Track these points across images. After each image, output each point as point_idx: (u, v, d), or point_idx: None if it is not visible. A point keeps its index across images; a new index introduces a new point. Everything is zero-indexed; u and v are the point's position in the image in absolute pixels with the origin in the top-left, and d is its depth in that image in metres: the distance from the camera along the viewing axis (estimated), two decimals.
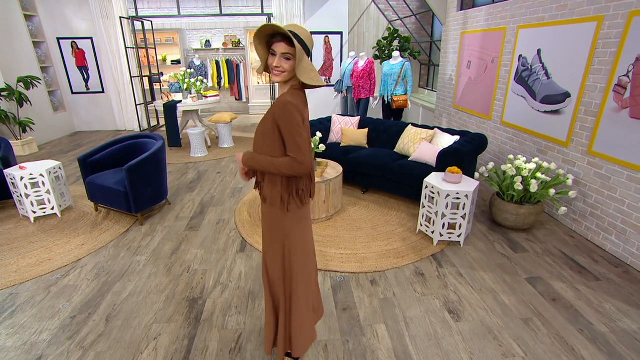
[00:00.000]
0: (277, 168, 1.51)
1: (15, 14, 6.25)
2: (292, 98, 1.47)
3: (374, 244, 3.12)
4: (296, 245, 1.70)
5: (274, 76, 1.49)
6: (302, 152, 1.47)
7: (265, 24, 1.39)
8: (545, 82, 3.54)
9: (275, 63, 1.44)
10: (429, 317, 2.27)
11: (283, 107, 1.45)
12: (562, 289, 2.51)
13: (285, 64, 1.44)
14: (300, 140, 1.47)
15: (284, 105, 1.44)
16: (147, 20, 7.46)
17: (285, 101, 1.45)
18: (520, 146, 3.96)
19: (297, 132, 1.46)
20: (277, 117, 1.48)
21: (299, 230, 1.70)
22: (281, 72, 1.46)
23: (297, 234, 1.69)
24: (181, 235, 3.30)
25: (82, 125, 7.75)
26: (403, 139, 4.14)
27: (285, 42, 1.41)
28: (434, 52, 7.47)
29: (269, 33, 1.43)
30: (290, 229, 1.66)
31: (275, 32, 1.41)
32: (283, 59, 1.44)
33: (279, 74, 1.47)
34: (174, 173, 5.03)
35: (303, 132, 1.48)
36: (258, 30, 1.42)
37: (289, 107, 1.44)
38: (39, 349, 2.06)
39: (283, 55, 1.43)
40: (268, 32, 1.42)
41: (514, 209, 3.15)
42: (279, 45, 1.42)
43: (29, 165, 3.59)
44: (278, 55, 1.43)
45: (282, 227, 1.65)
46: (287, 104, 1.45)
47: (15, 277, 2.73)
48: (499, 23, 4.26)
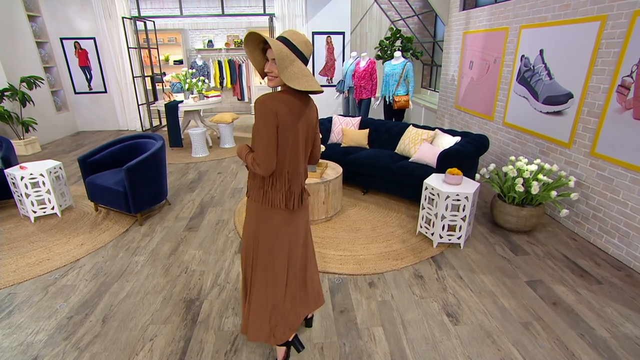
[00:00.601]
0: (246, 162, 1.58)
1: (19, 14, 6.29)
2: (270, 98, 1.47)
3: (373, 246, 3.10)
4: (264, 244, 1.71)
5: (269, 81, 1.53)
6: (259, 154, 1.50)
7: (250, 31, 1.43)
8: (548, 82, 3.50)
9: (266, 69, 1.50)
10: (427, 320, 2.25)
11: (256, 105, 1.48)
12: (563, 293, 2.48)
13: (275, 69, 1.47)
14: (260, 141, 1.48)
15: (257, 104, 1.48)
16: (150, 21, 7.48)
17: (260, 101, 1.47)
18: (523, 147, 3.92)
19: (259, 132, 1.48)
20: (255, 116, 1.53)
21: (273, 232, 1.69)
22: (274, 77, 1.50)
23: (269, 235, 1.69)
24: (180, 236, 3.29)
25: (85, 125, 7.78)
26: (404, 140, 4.12)
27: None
28: (437, 52, 7.43)
29: (261, 40, 1.48)
30: (261, 227, 1.69)
31: (261, 40, 1.47)
32: (273, 64, 1.47)
33: (272, 78, 1.51)
34: (174, 173, 5.03)
35: (266, 133, 1.47)
36: (245, 39, 1.46)
37: (259, 106, 1.47)
38: (34, 350, 2.06)
39: (273, 61, 1.47)
40: (259, 39, 1.48)
41: (515, 211, 3.11)
42: (269, 51, 1.47)
43: (30, 165, 3.60)
44: (269, 60, 1.48)
45: (255, 221, 1.69)
46: (259, 103, 1.47)
47: (14, 276, 2.73)
48: (502, 23, 4.22)
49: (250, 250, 1.75)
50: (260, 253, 1.73)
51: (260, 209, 1.66)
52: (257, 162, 1.51)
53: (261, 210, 1.66)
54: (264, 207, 1.65)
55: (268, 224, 1.68)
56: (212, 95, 6.56)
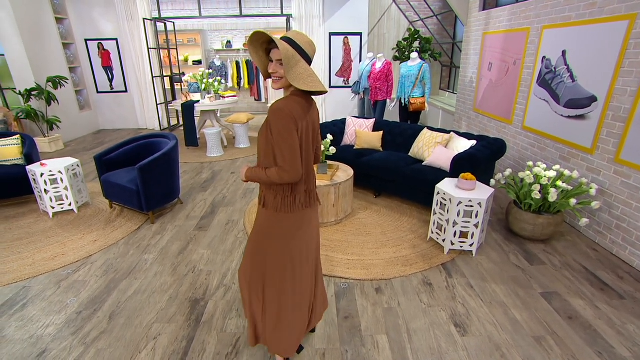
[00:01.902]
0: (269, 178, 1.51)
1: (48, 17, 6.53)
2: (286, 104, 1.44)
3: (382, 251, 3.04)
4: (282, 252, 1.67)
5: (273, 82, 1.50)
6: (287, 161, 1.45)
7: (255, 31, 1.40)
8: (570, 85, 3.35)
9: (271, 69, 1.47)
10: (433, 329, 2.18)
11: (273, 113, 1.43)
12: (580, 307, 2.35)
13: (280, 70, 1.45)
14: (286, 148, 1.44)
15: (274, 112, 1.43)
16: (170, 22, 7.62)
17: (276, 107, 1.43)
18: (542, 152, 3.77)
19: (284, 139, 1.43)
20: (269, 122, 1.47)
21: (292, 237, 1.67)
22: (279, 77, 1.47)
23: (288, 241, 1.66)
24: (190, 235, 3.32)
25: (106, 123, 8.01)
26: (418, 143, 4.03)
27: (278, 49, 1.41)
28: (456, 54, 7.27)
29: (266, 40, 1.45)
30: (281, 234, 1.65)
31: (266, 40, 1.44)
32: (278, 65, 1.45)
33: (277, 80, 1.48)
34: (189, 172, 5.10)
35: (290, 139, 1.44)
36: (250, 38, 1.43)
37: (278, 113, 1.42)
38: (43, 343, 2.11)
39: (278, 62, 1.44)
40: (264, 39, 1.44)
41: (532, 219, 2.99)
42: (274, 52, 1.44)
43: (49, 162, 3.71)
44: (274, 61, 1.45)
45: (273, 229, 1.65)
46: (276, 110, 1.42)
47: (30, 270, 2.82)
48: (522, 23, 4.08)
49: (262, 259, 1.69)
50: (277, 261, 1.68)
51: (279, 216, 1.61)
52: (285, 170, 1.45)
53: (280, 217, 1.61)
54: (283, 213, 1.60)
55: (286, 230, 1.65)
56: (228, 95, 6.63)
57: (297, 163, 1.46)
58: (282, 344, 1.78)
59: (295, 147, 1.45)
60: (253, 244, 1.73)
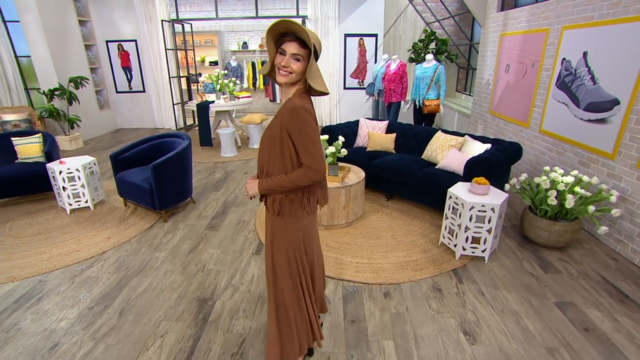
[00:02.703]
0: (294, 183, 1.46)
1: (71, 20, 6.75)
2: (302, 102, 1.40)
3: (392, 254, 3.00)
4: (300, 256, 1.67)
5: (280, 76, 1.40)
6: (315, 159, 1.42)
7: (281, 19, 1.31)
8: (591, 87, 3.24)
9: (284, 62, 1.36)
10: (441, 336, 2.13)
11: (295, 112, 1.37)
12: (597, 318, 2.26)
13: (294, 65, 1.37)
14: (312, 145, 1.41)
15: (296, 110, 1.37)
16: (187, 23, 7.75)
17: (297, 105, 1.37)
18: (560, 157, 3.66)
19: (312, 139, 1.40)
20: (286, 123, 1.40)
21: (308, 239, 1.68)
22: (289, 72, 1.38)
23: (302, 244, 1.66)
24: (201, 234, 3.36)
25: (124, 122, 8.20)
26: (431, 146, 3.97)
27: (297, 42, 1.34)
28: (473, 55, 7.15)
29: (282, 31, 1.35)
30: (301, 238, 1.63)
31: (289, 30, 1.34)
32: (292, 60, 1.37)
33: (285, 74, 1.39)
34: (202, 172, 5.16)
35: (315, 136, 1.41)
36: (272, 26, 1.32)
37: (302, 112, 1.37)
38: (56, 337, 2.16)
39: (293, 56, 1.36)
40: (281, 29, 1.34)
41: (547, 225, 2.90)
42: (290, 45, 1.35)
43: (68, 160, 3.81)
44: (288, 55, 1.36)
45: (288, 234, 1.60)
46: (300, 108, 1.37)
47: (46, 265, 2.90)
48: (542, 24, 3.97)
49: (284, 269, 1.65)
50: (296, 266, 1.66)
51: (298, 221, 1.58)
52: (313, 169, 1.42)
53: (298, 221, 1.59)
54: (300, 217, 1.57)
55: (305, 232, 1.65)
56: (243, 96, 6.68)
57: (323, 160, 1.45)
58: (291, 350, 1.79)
59: (319, 144, 1.44)
60: (274, 257, 1.65)
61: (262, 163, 1.55)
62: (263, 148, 1.53)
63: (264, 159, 1.53)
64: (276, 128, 1.44)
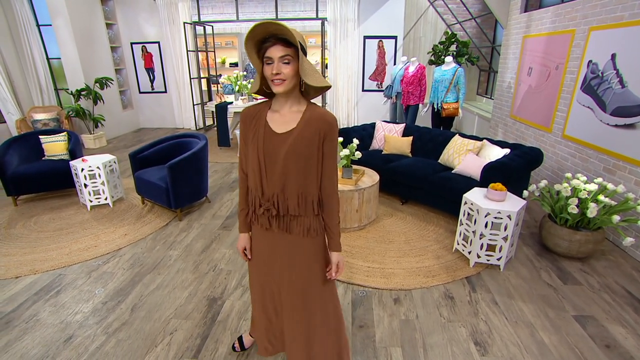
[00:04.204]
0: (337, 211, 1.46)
1: (99, 23, 7.00)
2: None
3: (404, 260, 2.95)
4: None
5: (277, 87, 1.23)
6: (336, 183, 1.44)
7: (256, 24, 1.15)
8: (619, 91, 3.10)
9: (274, 70, 1.20)
10: (451, 346, 2.07)
11: (334, 124, 1.31)
12: (620, 335, 2.15)
13: (285, 69, 1.21)
14: (335, 168, 1.41)
15: (334, 123, 1.31)
16: (209, 25, 7.89)
17: (334, 117, 1.33)
18: (583, 163, 3.51)
19: (336, 157, 1.40)
20: (325, 134, 1.31)
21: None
22: (282, 80, 1.22)
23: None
24: (214, 234, 3.40)
25: (146, 122, 8.43)
26: (448, 150, 3.89)
27: (280, 44, 1.19)
28: (495, 58, 6.97)
29: (261, 37, 1.20)
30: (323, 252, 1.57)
31: (269, 33, 1.18)
32: (282, 64, 1.20)
33: (280, 82, 1.22)
34: (219, 172, 5.23)
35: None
36: (248, 35, 1.17)
37: (337, 125, 1.33)
38: (71, 329, 2.23)
39: (281, 60, 1.20)
40: (259, 34, 1.19)
41: (568, 234, 2.78)
42: (274, 49, 1.19)
43: (90, 158, 3.94)
44: (275, 60, 1.20)
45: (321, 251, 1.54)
46: (335, 121, 1.33)
47: (66, 259, 3.00)
48: (567, 25, 3.83)
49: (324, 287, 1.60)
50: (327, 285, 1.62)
51: (322, 238, 1.53)
52: (337, 193, 1.44)
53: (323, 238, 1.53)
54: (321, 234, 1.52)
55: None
56: (260, 97, 6.74)
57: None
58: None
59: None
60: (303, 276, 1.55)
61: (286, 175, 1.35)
62: (290, 164, 1.32)
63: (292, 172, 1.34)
64: (314, 141, 1.32)
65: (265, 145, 1.34)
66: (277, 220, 1.44)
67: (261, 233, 1.52)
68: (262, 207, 1.41)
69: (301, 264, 1.51)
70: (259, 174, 1.37)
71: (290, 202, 1.38)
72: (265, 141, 1.34)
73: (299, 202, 1.38)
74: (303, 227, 1.43)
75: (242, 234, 1.59)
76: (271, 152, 1.34)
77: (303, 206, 1.39)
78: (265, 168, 1.36)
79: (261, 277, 1.63)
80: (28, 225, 3.57)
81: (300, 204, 1.39)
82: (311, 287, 1.55)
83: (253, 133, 1.37)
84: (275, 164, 1.34)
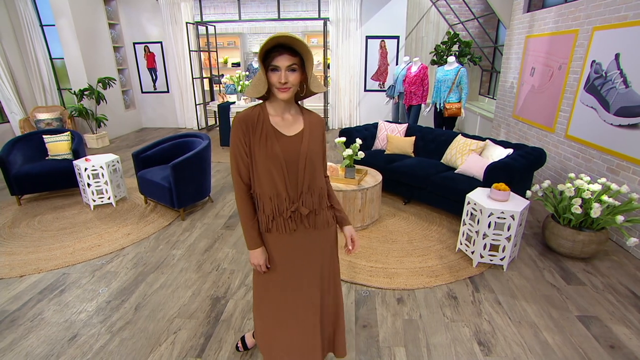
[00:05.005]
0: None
1: (102, 23, 7.03)
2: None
3: (407, 259, 2.95)
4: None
5: (283, 93, 1.29)
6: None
7: (269, 37, 1.20)
8: (623, 91, 3.09)
9: (283, 79, 1.25)
10: (455, 346, 2.07)
11: (324, 125, 1.48)
12: (624, 335, 2.14)
13: (291, 77, 1.27)
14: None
15: (324, 123, 1.47)
16: (211, 25, 7.91)
17: (322, 118, 1.49)
18: (587, 163, 3.50)
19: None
20: (323, 133, 1.47)
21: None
22: (288, 87, 1.28)
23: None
24: (217, 233, 3.41)
25: (148, 122, 8.44)
26: (451, 150, 3.89)
27: (287, 53, 1.24)
28: (497, 58, 6.97)
29: (269, 47, 1.24)
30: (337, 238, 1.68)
31: (278, 43, 1.23)
32: (288, 72, 1.26)
33: (286, 89, 1.28)
34: (221, 172, 5.24)
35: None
36: (261, 48, 1.23)
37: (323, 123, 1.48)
38: (75, 328, 2.24)
39: (288, 68, 1.25)
40: (269, 45, 1.23)
41: (571, 235, 2.78)
42: (282, 58, 1.24)
43: (93, 157, 3.95)
44: (283, 69, 1.25)
45: (335, 240, 1.65)
46: (323, 120, 1.50)
47: (70, 258, 3.01)
48: (570, 25, 3.82)
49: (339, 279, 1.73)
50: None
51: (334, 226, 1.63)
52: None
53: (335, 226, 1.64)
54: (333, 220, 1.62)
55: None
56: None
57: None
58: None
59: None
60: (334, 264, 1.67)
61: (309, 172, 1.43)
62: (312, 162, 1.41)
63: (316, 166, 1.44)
64: (321, 141, 1.48)
65: (283, 149, 1.37)
66: (303, 219, 1.46)
67: (282, 239, 1.48)
68: (289, 210, 1.42)
69: (325, 254, 1.59)
70: (283, 176, 1.39)
71: (314, 198, 1.47)
72: (282, 145, 1.37)
73: (320, 197, 1.48)
74: (324, 220, 1.52)
75: (256, 250, 1.48)
76: (289, 153, 1.37)
77: (322, 200, 1.51)
78: (287, 171, 1.39)
79: (288, 284, 1.56)
80: (32, 225, 3.59)
81: (322, 198, 1.50)
82: (333, 271, 1.67)
83: (258, 139, 1.36)
84: (296, 164, 1.39)
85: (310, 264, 1.55)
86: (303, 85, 1.36)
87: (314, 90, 1.35)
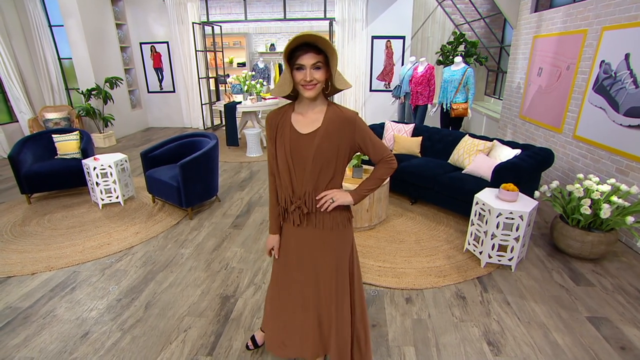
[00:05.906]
0: (382, 179, 1.49)
1: (109, 23, 7.07)
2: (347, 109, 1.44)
3: (415, 259, 2.95)
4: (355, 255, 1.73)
5: (308, 91, 1.31)
6: (388, 150, 1.49)
7: (294, 37, 1.23)
8: (633, 91, 3.07)
9: (308, 77, 1.28)
10: (464, 345, 2.08)
11: (356, 120, 1.40)
12: (635, 337, 2.14)
13: (317, 75, 1.29)
14: (380, 141, 1.47)
15: (355, 116, 1.40)
16: (217, 25, 7.94)
17: (353, 112, 1.41)
18: (595, 164, 3.49)
19: (374, 135, 1.46)
20: (351, 132, 1.39)
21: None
22: (314, 85, 1.31)
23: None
24: (225, 232, 3.43)
25: (154, 121, 8.49)
26: (458, 150, 3.89)
27: (312, 52, 1.27)
28: (504, 58, 6.94)
29: (294, 46, 1.27)
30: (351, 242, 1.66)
31: (303, 41, 1.25)
32: (313, 70, 1.28)
33: (312, 87, 1.31)
34: (228, 171, 5.27)
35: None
36: (287, 46, 1.26)
37: (360, 118, 1.42)
38: (87, 326, 2.26)
39: (313, 66, 1.28)
40: (294, 44, 1.26)
41: (580, 235, 2.77)
42: (307, 57, 1.26)
43: (101, 157, 3.99)
44: (308, 67, 1.27)
45: (347, 245, 1.62)
46: (356, 114, 1.42)
47: (80, 256, 3.04)
48: (579, 25, 3.80)
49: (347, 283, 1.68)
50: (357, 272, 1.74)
51: (349, 229, 1.61)
52: (391, 157, 1.48)
53: (349, 229, 1.62)
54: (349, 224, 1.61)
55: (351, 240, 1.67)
56: (269, 97, 6.78)
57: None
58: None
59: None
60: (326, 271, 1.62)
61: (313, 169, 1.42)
62: (318, 164, 1.40)
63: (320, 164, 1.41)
64: (343, 142, 1.40)
65: (292, 146, 1.41)
66: (308, 216, 1.51)
67: (291, 230, 1.59)
68: (293, 205, 1.49)
69: (330, 256, 1.59)
70: (289, 174, 1.45)
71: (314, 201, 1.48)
72: (292, 143, 1.41)
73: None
74: (333, 221, 1.52)
75: (273, 235, 1.65)
76: (299, 152, 1.41)
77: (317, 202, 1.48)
78: (294, 168, 1.43)
79: (289, 273, 1.67)
80: (42, 223, 3.62)
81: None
82: (340, 276, 1.63)
83: (279, 135, 1.44)
84: (304, 163, 1.41)
85: (310, 261, 1.60)
86: (327, 82, 1.39)
87: (339, 87, 1.36)
